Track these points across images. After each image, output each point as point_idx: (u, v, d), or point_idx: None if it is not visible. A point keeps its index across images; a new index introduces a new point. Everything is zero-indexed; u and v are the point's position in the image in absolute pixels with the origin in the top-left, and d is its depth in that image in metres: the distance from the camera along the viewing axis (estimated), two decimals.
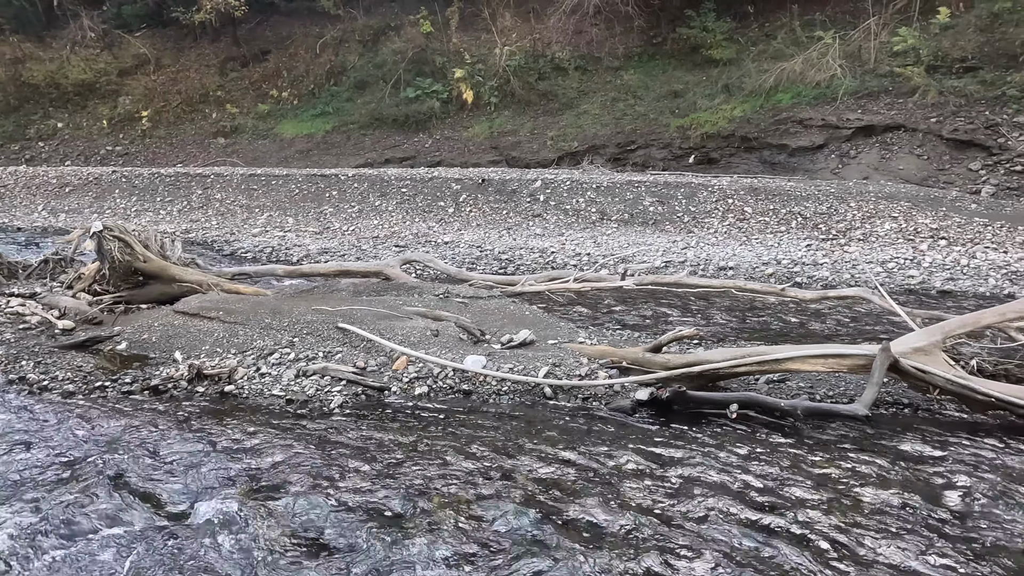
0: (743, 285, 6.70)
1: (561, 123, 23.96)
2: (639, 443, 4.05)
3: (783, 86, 20.78)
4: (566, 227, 12.41)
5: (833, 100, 19.47)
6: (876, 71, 19.74)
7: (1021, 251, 9.48)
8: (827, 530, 3.12)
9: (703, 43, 24.16)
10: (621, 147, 22.65)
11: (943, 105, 17.81)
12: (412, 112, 24.50)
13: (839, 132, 18.99)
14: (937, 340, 4.61)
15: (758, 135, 20.38)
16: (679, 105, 22.81)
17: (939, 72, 18.59)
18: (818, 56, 20.61)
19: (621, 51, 25.68)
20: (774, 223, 11.62)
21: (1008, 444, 4.03)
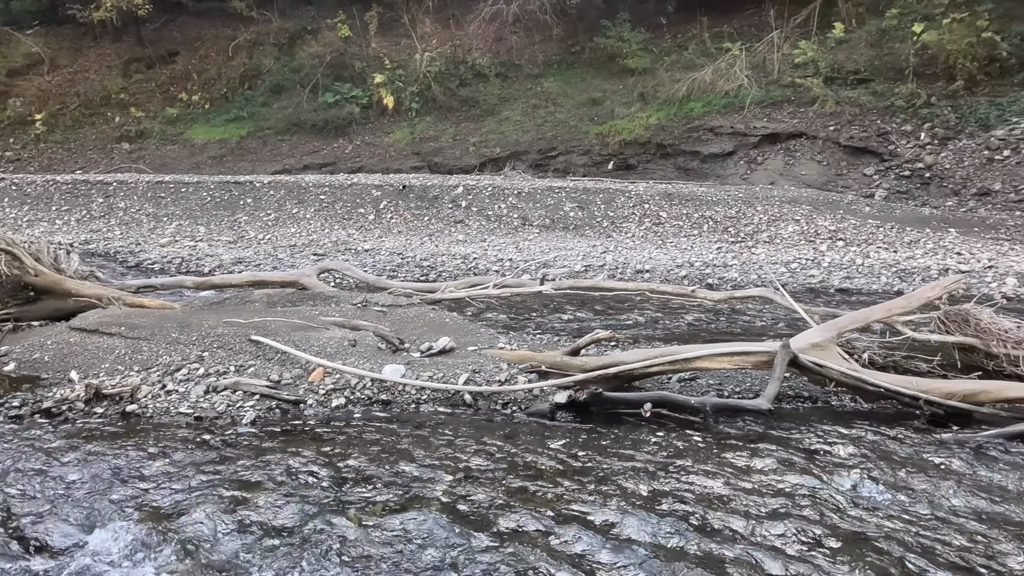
0: (657, 288, 6.94)
1: (483, 129, 24.07)
2: (557, 445, 4.11)
3: (695, 95, 21.65)
4: (488, 233, 12.47)
5: (741, 109, 20.44)
6: (779, 82, 20.87)
7: (909, 250, 10.23)
8: (734, 519, 3.26)
9: (619, 52, 24.88)
10: (543, 153, 22.97)
11: (840, 114, 19.02)
12: (331, 117, 23.99)
13: (747, 139, 19.95)
14: (832, 336, 4.91)
15: (672, 142, 21.14)
16: (598, 112, 23.37)
17: (836, 83, 19.84)
18: (726, 67, 21.61)
19: (541, 59, 26.07)
20: (687, 227, 12.08)
21: (895, 432, 4.33)
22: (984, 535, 3.16)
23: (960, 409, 4.48)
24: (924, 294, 5.16)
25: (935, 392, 4.53)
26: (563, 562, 2.90)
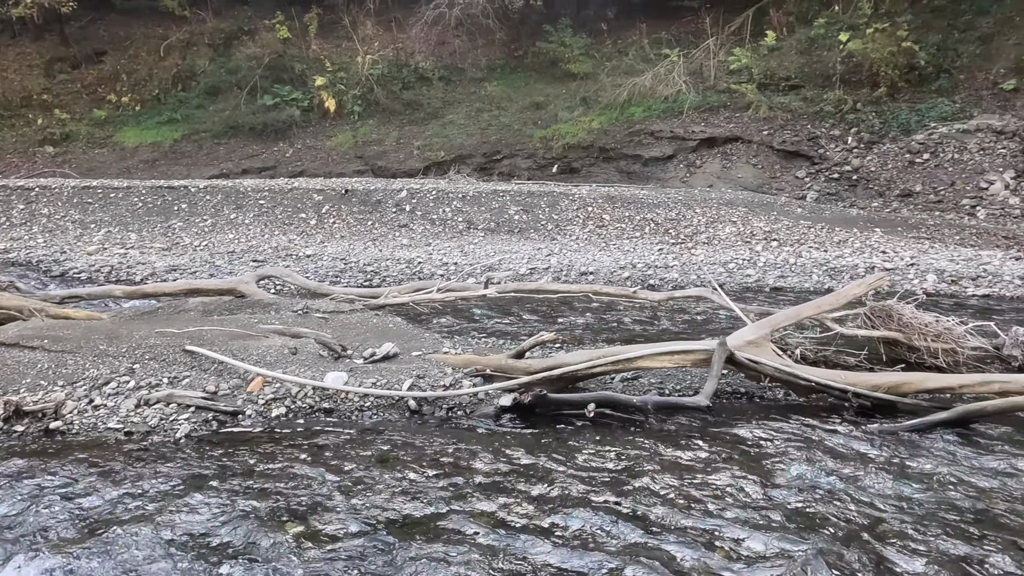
0: (599, 289, 7.04)
1: (427, 133, 23.95)
2: (502, 448, 4.12)
3: (635, 100, 22.09)
4: (433, 237, 12.40)
5: (680, 114, 20.97)
6: (716, 87, 21.51)
7: (838, 250, 10.69)
8: (676, 513, 3.34)
9: (561, 57, 25.17)
10: (487, 157, 23.02)
11: (773, 119, 19.73)
12: (271, 120, 23.44)
13: (686, 143, 20.47)
14: (766, 333, 5.08)
15: (615, 146, 21.51)
16: (541, 116, 23.58)
17: (768, 89, 20.58)
18: (665, 72, 22.13)
19: (484, 63, 26.14)
20: (630, 229, 12.30)
21: (826, 423, 4.51)
22: (907, 517, 3.32)
23: (885, 400, 4.70)
24: (851, 291, 5.40)
25: (862, 385, 4.74)
26: (507, 564, 2.90)
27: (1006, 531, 3.21)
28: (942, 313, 6.05)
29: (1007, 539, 3.13)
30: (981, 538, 3.13)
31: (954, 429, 4.35)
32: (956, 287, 8.78)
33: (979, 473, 3.77)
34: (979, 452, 4.04)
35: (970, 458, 3.97)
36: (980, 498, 3.51)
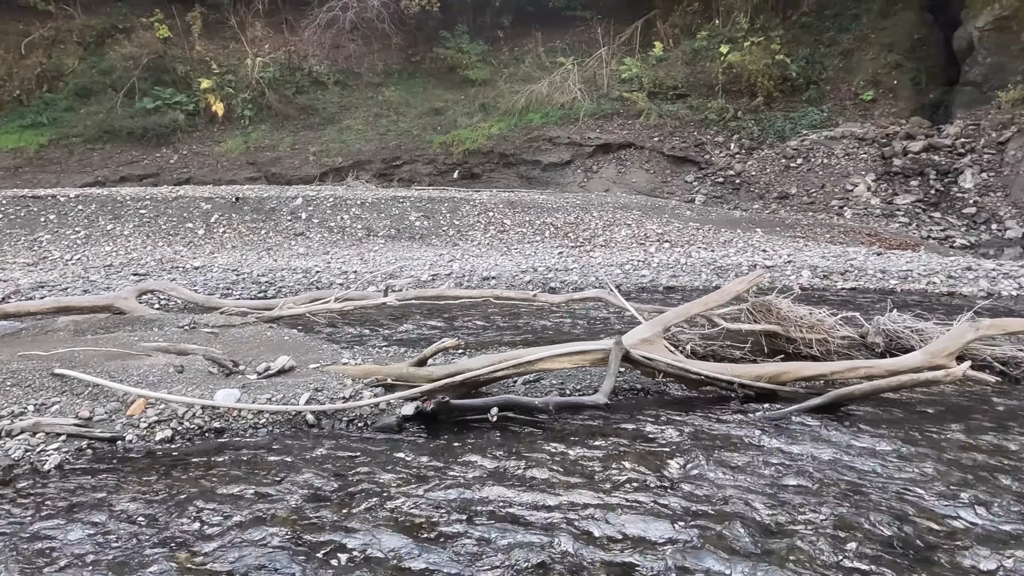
0: (500, 294, 7.10)
1: (323, 138, 23.33)
2: (405, 458, 4.06)
3: (533, 107, 22.53)
4: (331, 245, 12.08)
5: (576, 120, 21.57)
6: (609, 95, 22.30)
7: (724, 249, 11.33)
8: (577, 511, 3.40)
9: (459, 63, 25.27)
10: (387, 163, 22.71)
11: (663, 126, 20.69)
12: (152, 125, 22.05)
13: (583, 149, 21.08)
14: (659, 331, 5.30)
15: (514, 151, 21.83)
16: (441, 122, 23.56)
17: (658, 98, 21.57)
18: (561, 80, 22.71)
19: (381, 67, 25.79)
20: (531, 233, 12.50)
21: (716, 414, 4.75)
22: (786, 496, 3.56)
23: (768, 389, 5.01)
24: (734, 288, 5.73)
25: (747, 375, 5.03)
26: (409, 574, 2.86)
27: (872, 502, 3.50)
28: (815, 306, 6.52)
29: (874, 508, 3.42)
30: (852, 509, 3.40)
31: (827, 413, 4.70)
32: (827, 281, 9.53)
33: (848, 451, 4.09)
34: (848, 432, 4.39)
35: (841, 438, 4.30)
36: (850, 473, 3.81)
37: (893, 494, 3.60)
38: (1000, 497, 3.51)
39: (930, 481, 3.71)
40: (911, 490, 3.63)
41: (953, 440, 4.25)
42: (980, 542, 3.12)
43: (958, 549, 3.08)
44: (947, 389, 5.05)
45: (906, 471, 3.85)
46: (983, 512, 3.37)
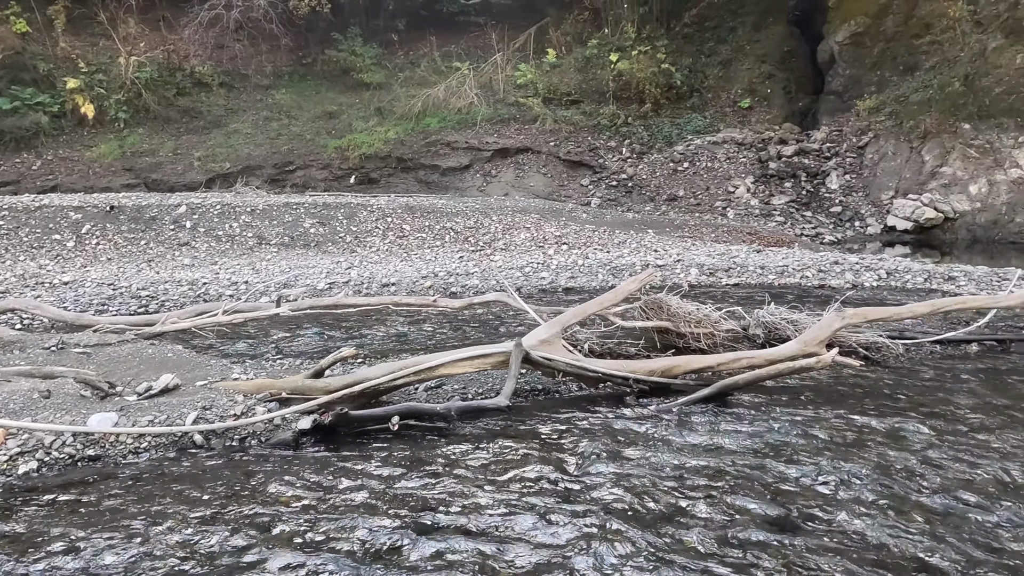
0: (400, 300, 7.00)
1: (209, 142, 22.17)
2: (302, 473, 3.92)
3: (430, 111, 22.42)
4: (220, 255, 11.48)
5: (473, 125, 21.67)
6: (505, 100, 22.56)
7: (618, 250, 11.73)
8: (482, 515, 3.41)
9: (353, 66, 24.76)
10: (279, 168, 21.89)
11: (558, 131, 21.16)
12: (9, 127, 20.15)
13: (481, 154, 21.19)
14: (557, 331, 5.41)
15: (412, 156, 21.63)
16: (335, 126, 22.98)
17: (552, 103, 22.04)
18: (457, 84, 22.75)
19: (270, 69, 24.83)
20: (431, 238, 12.42)
21: (612, 409, 4.90)
22: (680, 483, 3.73)
23: (661, 383, 5.23)
24: (627, 288, 5.95)
25: (641, 371, 5.23)
26: None
27: (757, 482, 3.73)
28: (702, 302, 6.88)
29: (757, 488, 3.64)
30: (738, 491, 3.61)
31: (715, 402, 4.97)
32: (713, 278, 10.08)
33: (734, 437, 4.34)
34: (734, 419, 4.66)
35: (727, 425, 4.55)
36: (735, 458, 4.05)
37: (774, 475, 3.85)
38: (866, 469, 3.84)
39: (805, 459, 4.00)
40: (790, 469, 3.90)
41: (825, 421, 4.61)
42: (849, 511, 3.40)
43: (832, 520, 3.34)
44: (819, 374, 5.46)
45: (785, 452, 4.13)
46: (852, 484, 3.68)
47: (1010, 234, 15.48)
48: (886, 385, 5.39)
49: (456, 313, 7.64)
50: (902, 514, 3.37)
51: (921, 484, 3.69)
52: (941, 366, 5.92)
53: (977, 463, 3.96)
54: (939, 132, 16.97)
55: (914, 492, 3.60)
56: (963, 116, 16.71)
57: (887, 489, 3.62)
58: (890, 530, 3.23)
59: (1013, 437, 4.32)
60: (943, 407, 4.85)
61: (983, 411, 4.78)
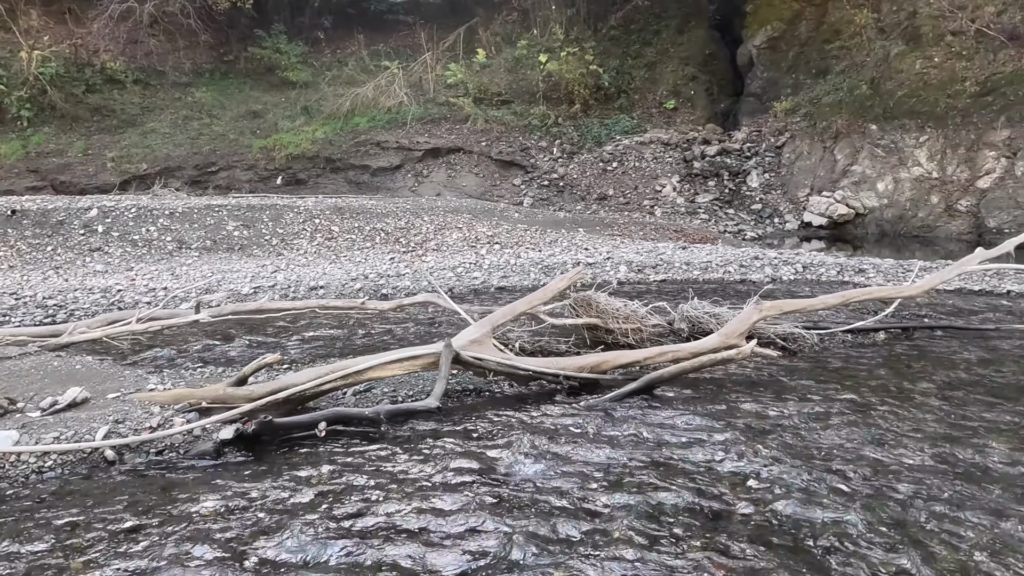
0: (327, 303, 6.85)
1: (124, 142, 21.11)
2: (223, 485, 3.77)
3: (359, 110, 22.05)
4: (136, 260, 10.93)
5: (404, 125, 21.43)
6: (436, 100, 22.41)
7: (550, 249, 11.86)
8: (411, 515, 3.37)
9: (278, 64, 24.08)
10: (200, 169, 21.06)
11: (490, 131, 21.18)
12: None
13: (412, 154, 20.99)
14: (487, 331, 5.41)
15: (341, 156, 21.22)
16: (260, 126, 22.28)
17: (483, 103, 22.04)
18: (387, 84, 22.45)
19: (189, 66, 23.84)
20: (361, 240, 12.21)
21: (543, 407, 4.94)
22: (610, 476, 3.80)
23: (590, 379, 5.32)
24: (556, 286, 6.01)
25: (571, 367, 5.30)
26: None
27: (682, 472, 3.84)
28: (631, 298, 7.04)
29: (684, 478, 3.75)
30: (666, 482, 3.70)
31: (643, 395, 5.08)
32: (641, 275, 10.32)
33: (660, 429, 4.46)
34: (660, 412, 4.78)
35: (654, 418, 4.67)
36: (662, 449, 4.16)
37: (699, 463, 3.98)
38: (783, 454, 4.02)
39: (728, 447, 4.15)
40: (711, 457, 4.03)
41: (745, 409, 4.79)
42: (768, 495, 3.55)
43: (753, 504, 3.48)
44: (740, 365, 5.67)
45: (708, 441, 4.27)
46: (770, 468, 3.84)
47: (913, 228, 16.52)
48: (801, 373, 5.65)
49: (386, 315, 7.54)
50: (817, 495, 3.54)
51: (835, 466, 3.89)
52: (851, 354, 6.26)
53: (885, 443, 4.20)
54: (849, 133, 17.92)
55: (828, 473, 3.79)
56: (870, 118, 17.70)
57: (803, 472, 3.79)
58: (807, 511, 3.39)
59: (915, 417, 4.61)
60: (853, 392, 5.12)
61: (889, 395, 5.07)
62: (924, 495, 3.54)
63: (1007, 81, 15.92)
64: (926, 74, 17.30)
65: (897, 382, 5.40)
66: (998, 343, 6.59)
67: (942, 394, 5.09)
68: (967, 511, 3.37)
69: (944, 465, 3.90)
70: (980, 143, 15.83)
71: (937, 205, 16.41)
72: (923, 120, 16.89)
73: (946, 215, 16.27)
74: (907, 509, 3.41)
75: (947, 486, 3.63)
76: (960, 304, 8.38)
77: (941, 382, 5.40)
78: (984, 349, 6.36)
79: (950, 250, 13.90)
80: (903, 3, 18.67)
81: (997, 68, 16.20)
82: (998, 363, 5.90)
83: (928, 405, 4.87)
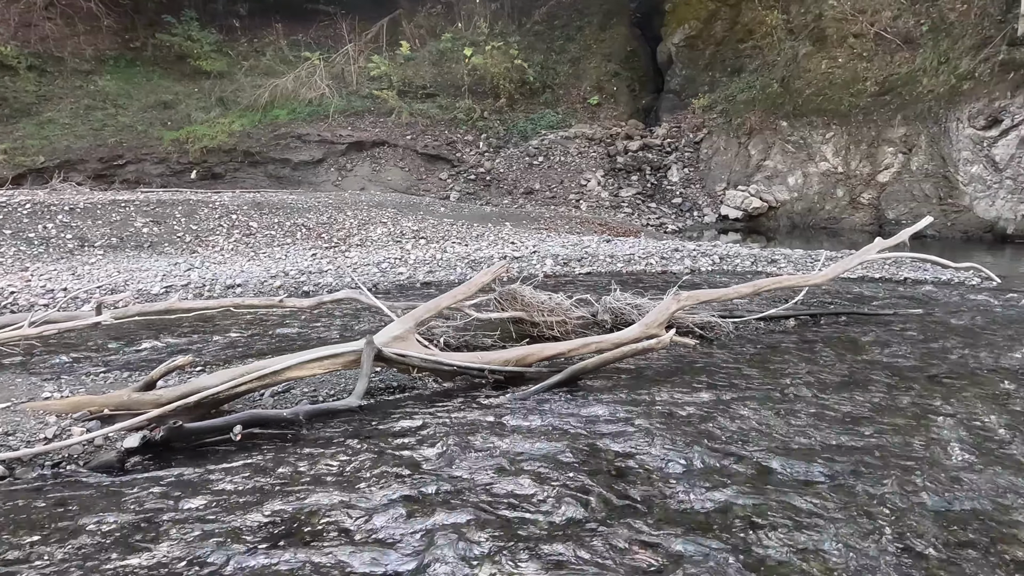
0: (242, 302, 6.57)
1: (17, 133, 19.67)
2: (127, 498, 3.56)
3: (279, 102, 21.34)
4: (32, 259, 10.18)
5: (326, 117, 20.90)
6: (359, 92, 21.96)
7: (476, 243, 11.82)
8: (327, 521, 3.27)
9: (190, 52, 22.99)
10: (106, 162, 19.87)
11: (415, 125, 20.94)
12: None
13: (335, 147, 20.50)
14: (411, 327, 5.34)
15: (260, 149, 20.48)
16: (171, 117, 21.23)
17: (408, 96, 21.76)
18: (307, 75, 21.82)
19: (90, 53, 22.42)
20: (281, 236, 11.81)
21: (469, 402, 4.92)
22: (533, 471, 3.81)
23: (515, 372, 5.32)
24: (480, 280, 5.99)
25: (496, 361, 5.29)
26: None
27: (606, 463, 3.90)
28: (557, 291, 7.10)
29: (607, 469, 3.81)
30: (589, 473, 3.75)
31: (567, 387, 5.14)
32: (567, 268, 10.44)
33: (584, 420, 4.51)
34: (584, 403, 4.84)
35: (578, 409, 4.72)
36: (586, 440, 4.21)
37: (621, 452, 4.05)
38: (701, 439, 4.14)
39: (648, 435, 4.24)
40: (635, 445, 4.11)
41: (665, 397, 4.92)
42: (688, 479, 3.65)
43: (673, 489, 3.56)
44: (661, 354, 5.82)
45: (630, 429, 4.35)
46: (688, 454, 3.95)
47: (821, 220, 17.45)
48: (718, 360, 5.86)
49: (308, 313, 7.32)
50: (734, 478, 3.66)
51: (749, 449, 4.04)
52: (764, 340, 6.54)
53: (795, 425, 4.40)
54: (762, 129, 18.72)
55: (744, 457, 3.93)
56: (781, 115, 18.55)
57: (720, 457, 3.92)
58: (724, 494, 3.50)
59: (823, 400, 4.86)
60: (766, 378, 5.35)
61: (799, 379, 5.32)
62: (833, 474, 3.73)
63: (903, 82, 17.02)
64: (831, 74, 18.27)
65: (806, 366, 5.67)
66: (896, 327, 7.04)
67: (847, 377, 5.39)
68: (874, 487, 3.57)
69: (851, 444, 4.13)
70: (880, 139, 16.87)
71: (842, 198, 17.38)
72: (829, 117, 17.84)
73: (850, 207, 17.26)
74: (817, 488, 3.58)
75: (853, 464, 3.83)
76: (863, 291, 8.90)
77: (846, 365, 5.71)
78: (884, 333, 6.77)
79: (854, 240, 14.75)
80: (810, 5, 19.63)
81: (894, 69, 17.29)
82: (896, 346, 6.30)
83: (835, 387, 5.14)
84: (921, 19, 17.32)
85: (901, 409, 4.70)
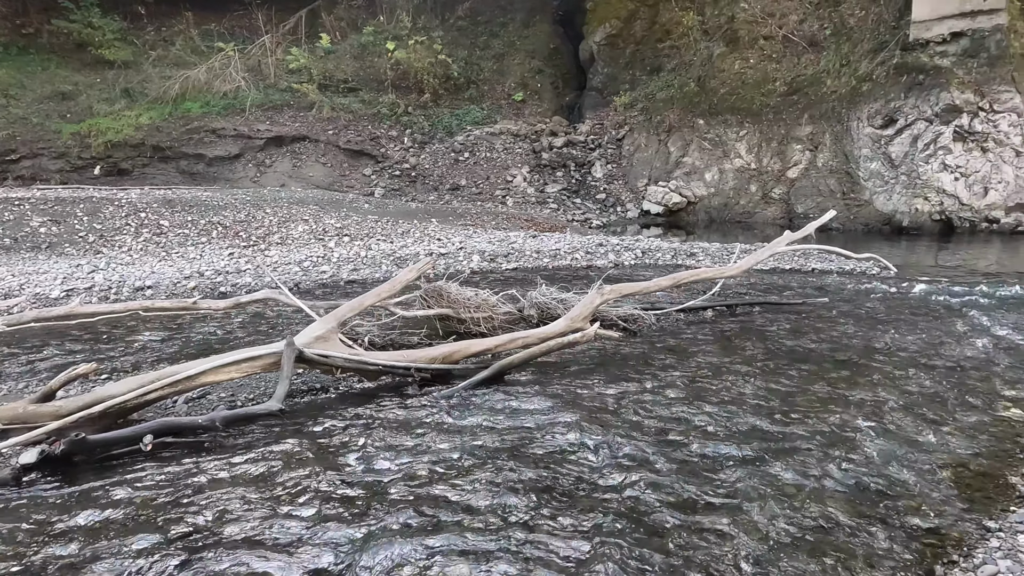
0: (152, 305, 6.24)
1: None
2: (23, 517, 3.31)
3: (190, 94, 20.40)
4: None
5: (242, 111, 20.14)
6: (277, 86, 21.27)
7: (402, 240, 11.66)
8: (246, 529, 3.15)
9: (91, 40, 21.65)
10: None
11: (337, 119, 20.47)
12: None
13: (253, 142, 19.78)
14: (333, 326, 5.21)
15: (171, 144, 19.53)
16: (71, 109, 19.93)
17: (329, 90, 21.24)
18: (221, 67, 20.95)
19: None
20: (195, 234, 11.28)
21: (394, 401, 4.85)
22: (460, 467, 3.80)
23: (442, 370, 5.29)
24: (404, 278, 5.91)
25: (422, 359, 5.24)
26: None
27: (533, 456, 3.93)
28: (485, 287, 7.10)
29: (534, 459, 3.84)
30: (516, 467, 3.77)
31: (494, 383, 5.15)
32: (494, 264, 10.46)
33: (509, 415, 4.54)
34: (510, 398, 4.86)
35: (505, 404, 4.74)
36: (512, 434, 4.23)
37: (548, 445, 4.09)
38: (625, 429, 4.24)
39: (575, 427, 4.31)
40: (562, 438, 4.17)
41: (590, 390, 5.01)
42: (615, 469, 3.73)
43: (601, 480, 3.63)
44: (586, 347, 5.92)
45: (557, 422, 4.40)
46: (614, 444, 4.04)
47: (736, 214, 18.20)
48: (641, 352, 6.01)
49: (224, 315, 7.03)
50: (657, 468, 3.77)
51: (672, 437, 4.17)
52: (684, 331, 6.76)
53: (714, 414, 4.57)
54: (680, 127, 19.33)
55: (667, 445, 4.05)
56: (698, 113, 19.21)
57: (644, 446, 4.02)
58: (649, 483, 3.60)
59: (739, 387, 5.07)
60: (686, 367, 5.53)
61: (717, 367, 5.54)
62: (749, 456, 3.89)
63: (808, 82, 17.95)
64: (744, 74, 19.06)
65: (724, 355, 5.91)
66: (805, 316, 7.43)
67: (761, 364, 5.64)
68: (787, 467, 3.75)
69: (765, 428, 4.32)
70: (788, 137, 17.74)
71: (756, 193, 18.19)
72: (742, 116, 18.61)
73: (763, 202, 18.08)
74: (734, 470, 3.73)
75: (768, 446, 4.02)
76: (775, 281, 9.35)
77: (760, 353, 5.98)
78: (794, 321, 7.14)
79: (767, 234, 15.47)
80: (723, 7, 20.40)
81: (801, 70, 18.21)
82: (806, 334, 6.65)
83: (749, 375, 5.37)
84: (824, 23, 18.32)
85: (811, 392, 4.97)
